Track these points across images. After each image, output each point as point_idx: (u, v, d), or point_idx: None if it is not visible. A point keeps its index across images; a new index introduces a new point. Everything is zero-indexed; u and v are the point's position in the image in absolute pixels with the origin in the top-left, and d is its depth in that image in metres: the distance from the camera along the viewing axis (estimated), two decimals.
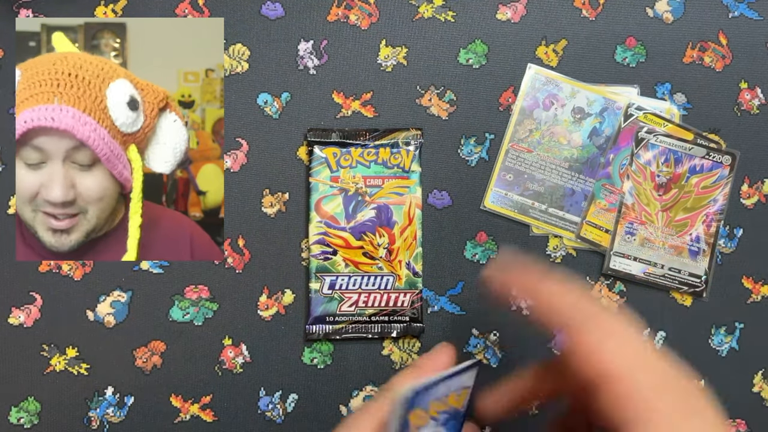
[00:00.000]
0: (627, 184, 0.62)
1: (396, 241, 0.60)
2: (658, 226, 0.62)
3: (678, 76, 0.63)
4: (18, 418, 0.58)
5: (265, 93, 0.62)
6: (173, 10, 0.62)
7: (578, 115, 0.63)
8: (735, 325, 0.62)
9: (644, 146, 0.62)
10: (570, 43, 0.63)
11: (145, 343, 0.59)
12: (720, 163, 0.62)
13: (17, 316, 0.59)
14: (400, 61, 0.62)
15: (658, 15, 0.64)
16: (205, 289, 0.60)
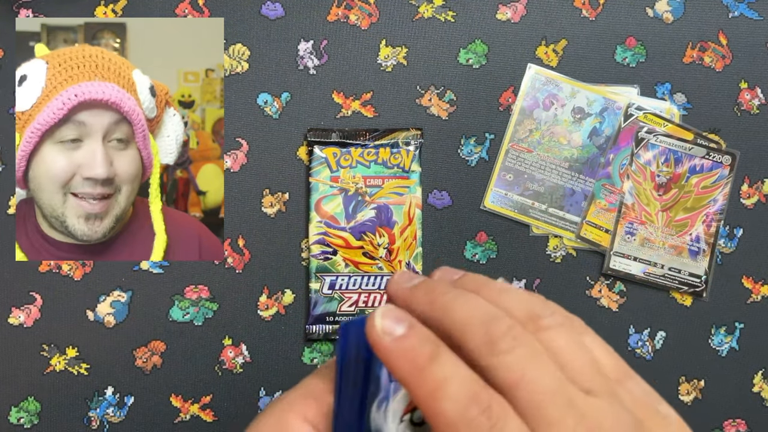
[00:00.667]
0: (627, 184, 0.62)
1: (396, 241, 0.60)
2: (658, 226, 0.62)
3: (678, 76, 0.63)
4: (18, 418, 0.58)
5: (265, 93, 0.62)
6: (173, 10, 0.62)
7: (578, 115, 0.63)
8: (735, 325, 0.62)
9: (644, 146, 0.62)
10: (570, 43, 0.63)
11: (145, 343, 0.59)
12: (720, 163, 0.62)
13: (17, 316, 0.59)
14: (400, 61, 0.63)
15: (658, 15, 0.64)
16: (205, 289, 0.60)
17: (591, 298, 0.62)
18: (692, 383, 0.62)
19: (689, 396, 0.62)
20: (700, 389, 0.62)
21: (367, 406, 0.27)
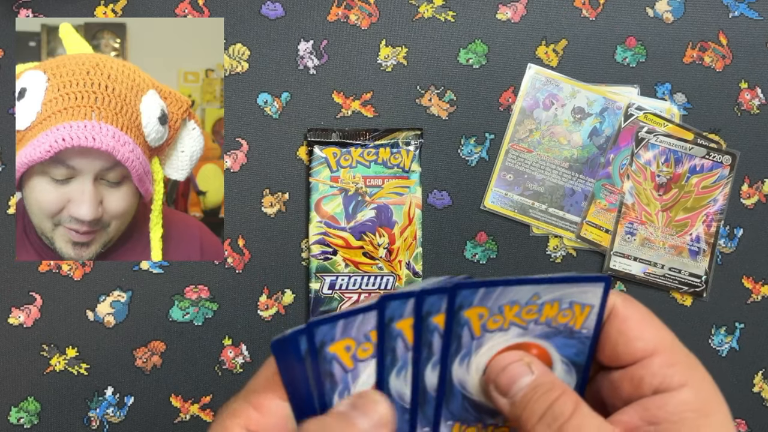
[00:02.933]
0: (627, 184, 0.62)
1: (396, 241, 0.59)
2: (658, 226, 0.62)
3: (678, 76, 0.63)
4: (18, 418, 0.58)
5: (265, 93, 0.62)
6: (173, 9, 0.62)
7: (578, 115, 0.62)
8: (735, 325, 0.62)
9: (644, 146, 0.62)
10: (570, 43, 0.63)
11: (145, 343, 0.59)
12: (720, 163, 0.62)
13: (17, 316, 0.59)
14: (400, 61, 0.62)
15: (658, 15, 0.64)
16: (205, 289, 0.60)
17: None
18: None
19: None
20: None
21: (443, 363, 0.31)
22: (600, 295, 0.31)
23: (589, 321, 0.32)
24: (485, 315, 0.31)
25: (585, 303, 0.31)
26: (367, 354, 0.30)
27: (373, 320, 0.30)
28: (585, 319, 0.32)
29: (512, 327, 0.31)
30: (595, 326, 0.32)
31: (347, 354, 0.30)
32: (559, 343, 0.32)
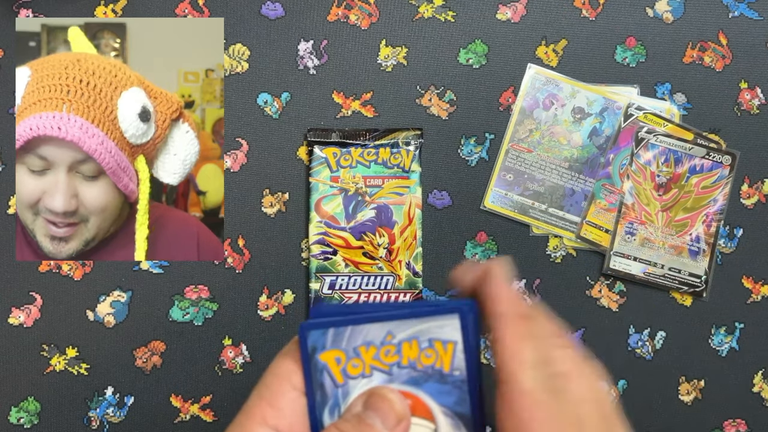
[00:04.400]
0: (627, 184, 0.62)
1: (396, 241, 0.59)
2: (658, 226, 0.62)
3: (678, 76, 0.63)
4: (18, 418, 0.58)
5: (265, 93, 0.62)
6: (173, 9, 0.62)
7: (578, 115, 0.62)
8: (735, 325, 0.62)
9: (644, 146, 0.62)
10: (570, 43, 0.63)
11: (145, 343, 0.59)
12: (720, 163, 0.62)
13: (17, 316, 0.59)
14: (400, 61, 0.62)
15: (658, 15, 0.64)
16: (205, 289, 0.60)
17: (591, 298, 0.62)
18: (692, 383, 0.62)
19: (689, 396, 0.62)
20: (700, 389, 0.62)
21: (311, 416, 0.28)
22: (458, 328, 0.27)
23: (457, 360, 0.27)
24: (342, 359, 0.28)
25: (446, 339, 0.27)
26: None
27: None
28: (452, 359, 0.27)
29: (375, 372, 0.28)
30: (467, 367, 0.27)
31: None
32: (433, 390, 0.28)
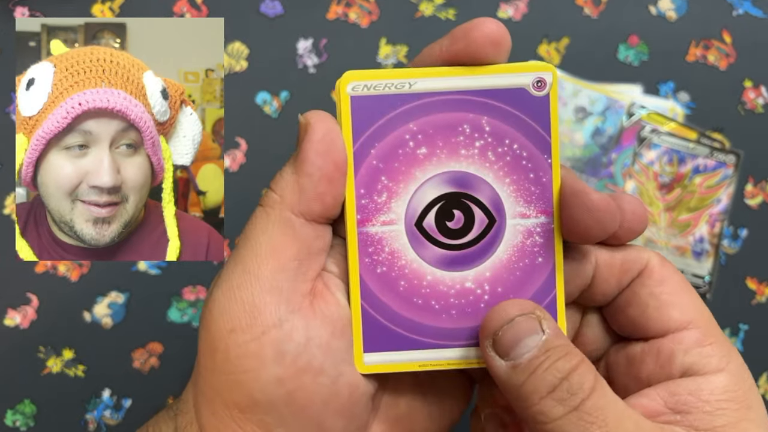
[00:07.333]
0: (630, 184, 0.61)
1: None
2: (661, 227, 0.61)
3: (681, 74, 0.63)
4: (13, 421, 0.57)
5: (264, 92, 0.61)
6: (171, 8, 0.62)
7: (580, 114, 0.62)
8: (739, 326, 0.61)
9: (647, 145, 0.61)
10: (572, 42, 0.63)
11: (143, 345, 0.59)
12: (724, 163, 0.62)
13: (13, 317, 0.58)
14: (401, 59, 0.62)
15: (661, 13, 0.63)
16: (203, 290, 0.59)
17: None
18: None
19: None
20: None
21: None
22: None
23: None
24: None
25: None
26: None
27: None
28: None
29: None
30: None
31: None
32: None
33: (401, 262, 0.29)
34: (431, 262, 0.29)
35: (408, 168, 0.29)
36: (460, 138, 0.28)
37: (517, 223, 0.28)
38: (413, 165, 0.29)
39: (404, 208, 0.29)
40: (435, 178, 0.29)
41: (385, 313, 0.28)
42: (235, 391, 0.26)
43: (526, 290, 0.28)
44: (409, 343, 0.28)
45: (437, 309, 0.28)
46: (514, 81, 0.29)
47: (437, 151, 0.29)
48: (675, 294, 0.26)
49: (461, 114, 0.28)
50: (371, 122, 0.28)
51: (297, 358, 0.26)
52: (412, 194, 0.29)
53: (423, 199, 0.29)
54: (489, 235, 0.29)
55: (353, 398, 0.27)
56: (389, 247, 0.29)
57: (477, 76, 0.28)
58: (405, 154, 0.29)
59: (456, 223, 0.29)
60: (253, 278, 0.26)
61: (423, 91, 0.28)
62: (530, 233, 0.28)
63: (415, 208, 0.29)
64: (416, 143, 0.28)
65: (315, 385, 0.26)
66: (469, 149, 0.28)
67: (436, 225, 0.29)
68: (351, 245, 0.29)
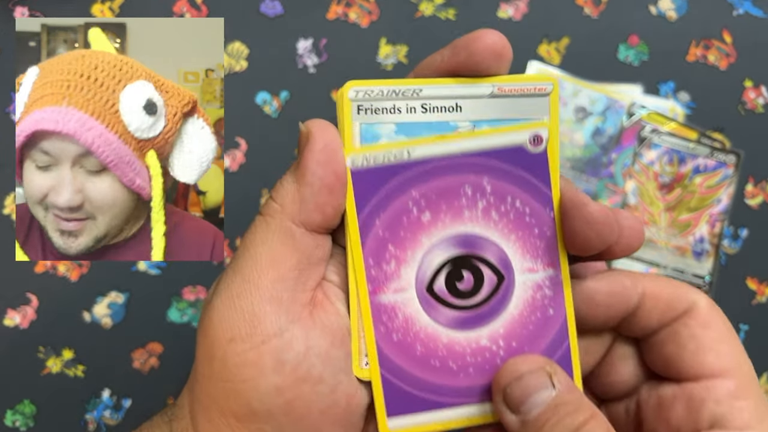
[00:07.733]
0: (630, 184, 0.61)
1: None
2: (662, 227, 0.61)
3: (682, 74, 0.63)
4: (13, 421, 0.57)
5: (264, 92, 0.61)
6: (171, 8, 0.62)
7: (580, 114, 0.62)
8: (739, 326, 0.61)
9: (647, 145, 0.61)
10: (572, 42, 0.63)
11: (143, 345, 0.59)
12: (724, 163, 0.61)
13: (13, 317, 0.58)
14: (401, 59, 0.62)
15: (661, 13, 0.63)
16: (203, 290, 0.59)
17: None
18: None
19: None
20: None
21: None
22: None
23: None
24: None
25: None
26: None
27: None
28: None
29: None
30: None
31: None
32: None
33: (416, 327, 0.29)
34: (445, 324, 0.29)
35: (414, 234, 0.29)
36: (462, 200, 0.29)
37: (526, 278, 0.29)
38: (419, 231, 0.29)
39: (414, 274, 0.29)
40: (441, 242, 0.29)
41: (405, 378, 0.29)
42: (232, 399, 0.26)
43: (539, 343, 0.28)
44: (430, 404, 0.29)
45: (455, 369, 0.29)
46: (511, 140, 0.28)
47: (441, 215, 0.29)
48: (716, 341, 0.25)
49: (461, 177, 0.28)
50: (374, 194, 0.28)
51: (297, 367, 0.26)
52: (420, 260, 0.29)
53: (431, 263, 0.29)
54: (499, 293, 0.29)
55: (350, 408, 0.27)
56: (403, 314, 0.29)
57: (473, 138, 0.28)
58: (410, 222, 0.29)
59: (466, 285, 0.29)
60: (253, 288, 0.26)
61: (422, 158, 0.28)
62: (539, 287, 0.28)
63: (425, 273, 0.29)
64: (419, 209, 0.29)
65: (313, 394, 0.26)
66: (472, 210, 0.29)
67: (446, 288, 0.29)
68: (365, 316, 0.29)
